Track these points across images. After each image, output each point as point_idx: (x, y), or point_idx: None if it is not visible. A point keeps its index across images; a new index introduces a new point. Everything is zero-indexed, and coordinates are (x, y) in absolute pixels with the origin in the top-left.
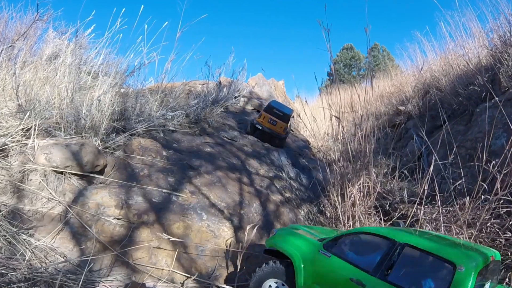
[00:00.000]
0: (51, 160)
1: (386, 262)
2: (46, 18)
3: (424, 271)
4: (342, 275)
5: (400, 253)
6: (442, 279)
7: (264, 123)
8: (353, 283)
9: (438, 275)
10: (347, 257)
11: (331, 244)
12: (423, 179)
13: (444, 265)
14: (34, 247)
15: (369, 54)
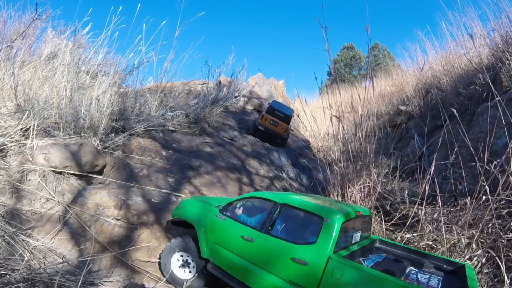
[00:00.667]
0: (50, 160)
1: (269, 220)
2: (44, 17)
3: (299, 224)
4: (236, 233)
5: (280, 211)
6: (313, 229)
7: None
8: (244, 239)
9: (310, 227)
10: (239, 218)
11: (226, 208)
12: (424, 179)
13: (314, 218)
14: (32, 247)
15: (370, 53)
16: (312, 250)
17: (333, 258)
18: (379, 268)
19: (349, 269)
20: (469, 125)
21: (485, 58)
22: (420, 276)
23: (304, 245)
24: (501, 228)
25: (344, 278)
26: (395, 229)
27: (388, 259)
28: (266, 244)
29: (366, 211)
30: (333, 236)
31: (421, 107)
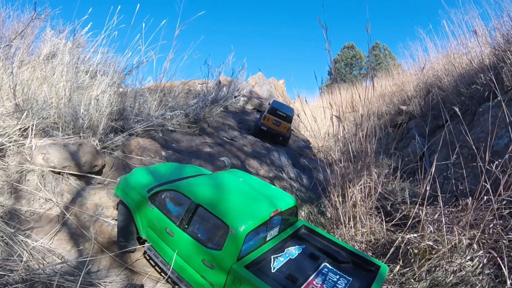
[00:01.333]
0: (48, 160)
1: (186, 217)
2: (43, 16)
3: (210, 227)
4: (161, 225)
5: (195, 211)
6: (221, 236)
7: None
8: (167, 233)
9: (218, 232)
10: (163, 209)
11: (154, 196)
12: (425, 180)
13: (222, 225)
14: (31, 248)
15: (371, 53)
16: (218, 256)
17: (234, 268)
18: (288, 270)
19: (246, 282)
20: (470, 125)
21: (487, 57)
22: (330, 275)
23: (211, 249)
24: (502, 228)
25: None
26: (396, 229)
27: (305, 253)
28: (183, 241)
29: (289, 203)
30: (236, 247)
31: (422, 107)
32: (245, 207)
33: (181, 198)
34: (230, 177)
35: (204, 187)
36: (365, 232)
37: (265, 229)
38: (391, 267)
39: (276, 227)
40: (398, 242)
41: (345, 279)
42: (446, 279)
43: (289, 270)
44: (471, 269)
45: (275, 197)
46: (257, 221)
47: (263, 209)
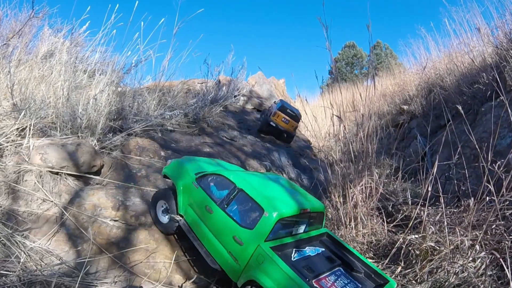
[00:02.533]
0: (46, 161)
1: (227, 199)
2: (41, 15)
3: (247, 209)
4: (203, 203)
5: (237, 194)
6: (255, 217)
7: (278, 122)
8: (207, 210)
9: (253, 214)
10: (207, 190)
11: (201, 178)
12: (427, 180)
13: (258, 208)
14: (29, 249)
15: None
16: (249, 234)
17: (261, 246)
18: (305, 262)
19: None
20: (472, 124)
21: (489, 56)
22: (342, 278)
23: (244, 228)
24: (505, 229)
25: (263, 265)
26: (397, 230)
27: (323, 254)
28: (220, 218)
29: (318, 208)
30: (267, 228)
31: (423, 107)
32: (281, 198)
33: (225, 183)
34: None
35: (247, 177)
36: (366, 233)
37: (293, 224)
38: (393, 268)
39: (302, 225)
40: (400, 243)
41: (355, 284)
42: (448, 281)
43: (307, 263)
44: (473, 271)
45: (308, 199)
46: (289, 212)
47: (295, 204)
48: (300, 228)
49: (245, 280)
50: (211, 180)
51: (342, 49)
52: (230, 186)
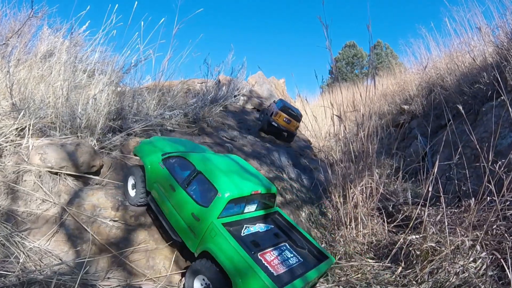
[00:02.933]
0: (46, 161)
1: (188, 179)
2: (40, 15)
3: (204, 189)
4: (167, 181)
5: (196, 175)
6: (210, 197)
7: (280, 121)
8: (170, 188)
9: (209, 194)
10: (171, 170)
11: (166, 159)
12: (427, 180)
13: (213, 189)
14: (28, 249)
15: (372, 51)
16: (204, 212)
17: (214, 222)
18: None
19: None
20: (473, 124)
21: (490, 56)
22: (286, 253)
23: (201, 206)
24: (506, 229)
25: (215, 238)
26: (398, 230)
27: (271, 231)
28: (181, 196)
29: (269, 189)
30: (219, 207)
31: (424, 106)
32: (234, 181)
33: (187, 165)
34: (228, 158)
35: (207, 160)
36: (367, 233)
37: (244, 203)
38: (393, 268)
39: (254, 204)
40: (400, 244)
41: (297, 258)
42: (448, 281)
43: (254, 238)
44: (474, 271)
45: (260, 182)
46: (239, 194)
47: (247, 186)
48: (252, 207)
49: (200, 251)
50: (175, 161)
51: (343, 49)
52: (191, 168)
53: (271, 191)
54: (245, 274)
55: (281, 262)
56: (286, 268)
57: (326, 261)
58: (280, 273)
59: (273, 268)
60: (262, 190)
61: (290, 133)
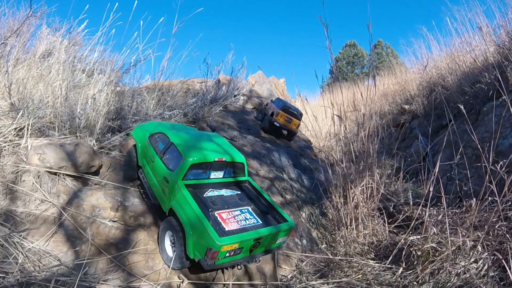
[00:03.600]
0: (44, 161)
1: (163, 150)
2: (39, 14)
3: (173, 157)
4: (150, 154)
5: (169, 146)
6: (177, 162)
7: (281, 121)
8: (151, 159)
9: (176, 160)
10: (154, 145)
11: (151, 136)
12: (428, 180)
13: (180, 156)
14: (27, 250)
15: (373, 51)
16: (172, 175)
17: (178, 183)
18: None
19: (180, 192)
20: (474, 124)
21: (491, 55)
22: (246, 215)
23: (170, 170)
24: (507, 230)
25: (177, 197)
26: (399, 231)
27: (237, 196)
28: (158, 165)
29: (235, 159)
30: (183, 170)
31: (425, 106)
32: (199, 150)
33: (165, 139)
34: (204, 134)
35: (181, 135)
36: (367, 234)
37: (209, 170)
38: (394, 269)
39: (221, 171)
40: (401, 244)
41: (256, 220)
42: (450, 282)
43: (216, 200)
44: (475, 272)
45: (227, 152)
46: (201, 159)
47: (211, 154)
48: (218, 174)
49: (167, 209)
50: (157, 137)
51: (343, 48)
52: (166, 141)
53: (235, 159)
54: (194, 225)
55: (237, 221)
56: (241, 226)
57: (285, 223)
58: (231, 229)
59: (226, 224)
60: (227, 158)
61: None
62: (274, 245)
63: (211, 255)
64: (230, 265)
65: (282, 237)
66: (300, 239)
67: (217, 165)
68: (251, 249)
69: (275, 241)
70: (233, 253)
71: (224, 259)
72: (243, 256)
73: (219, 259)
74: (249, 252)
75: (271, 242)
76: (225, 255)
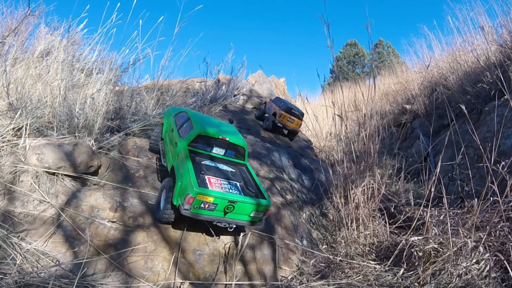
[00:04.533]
0: (43, 161)
1: (182, 123)
2: (37, 13)
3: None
4: (172, 127)
5: (186, 121)
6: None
7: (284, 122)
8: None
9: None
10: (176, 121)
11: (176, 114)
12: (430, 181)
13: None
14: (25, 251)
15: (374, 50)
16: (181, 141)
17: (183, 147)
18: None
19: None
20: (476, 124)
21: (493, 55)
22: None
23: (181, 138)
24: (509, 230)
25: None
26: (400, 232)
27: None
28: (174, 134)
29: (237, 142)
30: (190, 137)
31: (426, 106)
32: (209, 127)
33: (185, 116)
34: (219, 121)
35: (199, 115)
36: (368, 235)
37: (213, 144)
38: (395, 270)
39: (222, 149)
40: (402, 245)
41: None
42: (451, 283)
43: (211, 168)
44: (477, 273)
45: (233, 135)
46: (207, 133)
47: (217, 132)
48: (220, 151)
49: (170, 167)
50: (181, 115)
51: (344, 48)
52: (186, 117)
53: (238, 143)
54: (183, 174)
55: (221, 187)
56: (222, 190)
57: (262, 199)
58: (213, 189)
59: (210, 185)
60: (230, 139)
61: (294, 131)
62: (248, 218)
63: (187, 200)
64: (204, 219)
65: (256, 212)
66: (300, 240)
67: (220, 142)
68: (225, 211)
69: (249, 214)
70: (207, 206)
71: (198, 210)
72: (217, 216)
73: (195, 208)
74: (224, 213)
75: (245, 212)
76: (200, 205)
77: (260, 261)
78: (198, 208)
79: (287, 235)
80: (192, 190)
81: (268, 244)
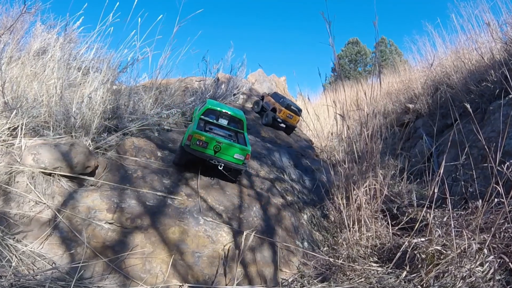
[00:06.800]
0: (39, 161)
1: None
2: (33, 11)
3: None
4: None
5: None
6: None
7: (284, 118)
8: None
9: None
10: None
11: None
12: (433, 181)
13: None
14: (21, 253)
15: (376, 48)
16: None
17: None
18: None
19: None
20: (480, 124)
21: (497, 53)
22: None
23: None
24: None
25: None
26: (402, 233)
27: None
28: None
29: (237, 115)
30: (203, 110)
31: (430, 105)
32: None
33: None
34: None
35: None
36: (370, 236)
37: (219, 116)
38: (397, 272)
39: (226, 120)
40: (405, 247)
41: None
42: (455, 286)
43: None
44: (481, 275)
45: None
46: (214, 107)
47: (222, 108)
48: (224, 122)
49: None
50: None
51: (345, 46)
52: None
53: (237, 116)
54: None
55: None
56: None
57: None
58: None
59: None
60: (231, 113)
61: (292, 126)
62: (232, 160)
63: (188, 137)
64: (199, 155)
65: (239, 154)
66: (301, 242)
67: (224, 115)
68: (214, 150)
69: (233, 155)
70: (201, 144)
71: (195, 146)
72: (209, 154)
73: (193, 144)
74: (214, 152)
75: (229, 154)
76: (196, 142)
77: (260, 263)
78: (195, 145)
79: (287, 236)
80: (192, 131)
81: (269, 246)
